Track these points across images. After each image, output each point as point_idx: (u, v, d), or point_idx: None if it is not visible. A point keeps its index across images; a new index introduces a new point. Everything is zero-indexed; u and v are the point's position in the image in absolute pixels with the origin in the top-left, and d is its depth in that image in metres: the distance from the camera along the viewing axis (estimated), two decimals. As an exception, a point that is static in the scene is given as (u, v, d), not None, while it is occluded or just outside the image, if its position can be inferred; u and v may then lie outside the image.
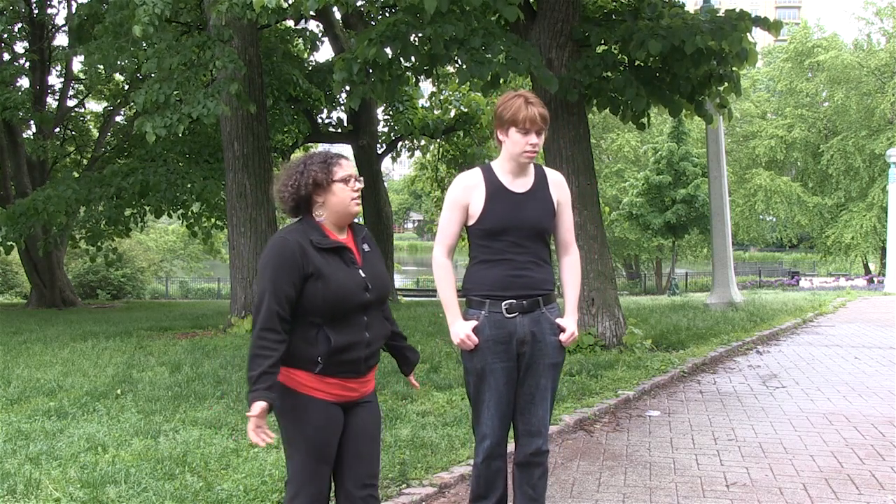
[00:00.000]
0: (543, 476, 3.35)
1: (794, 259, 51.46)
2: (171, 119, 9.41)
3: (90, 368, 7.73)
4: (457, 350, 7.98)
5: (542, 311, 3.24)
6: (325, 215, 2.86)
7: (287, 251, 2.74)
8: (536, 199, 3.25)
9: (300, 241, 2.76)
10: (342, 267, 2.80)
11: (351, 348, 2.79)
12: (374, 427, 2.98)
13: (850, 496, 4.23)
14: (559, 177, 3.37)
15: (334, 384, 2.80)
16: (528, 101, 3.16)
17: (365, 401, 2.94)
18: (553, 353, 3.26)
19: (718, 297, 13.11)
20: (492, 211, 3.20)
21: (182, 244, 33.27)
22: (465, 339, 3.22)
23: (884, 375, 7.63)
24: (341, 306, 2.76)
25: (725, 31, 7.85)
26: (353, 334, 2.80)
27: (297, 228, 2.83)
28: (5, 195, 17.95)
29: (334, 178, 2.82)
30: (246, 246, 11.36)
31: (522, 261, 3.20)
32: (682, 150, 28.64)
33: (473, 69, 7.37)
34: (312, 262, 2.74)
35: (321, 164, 2.83)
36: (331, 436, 2.82)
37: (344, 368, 2.80)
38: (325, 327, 2.75)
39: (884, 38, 34.96)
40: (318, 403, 2.79)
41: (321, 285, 2.73)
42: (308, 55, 17.59)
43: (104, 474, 4.29)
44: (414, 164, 22.97)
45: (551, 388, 3.30)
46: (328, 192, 2.83)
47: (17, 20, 17.62)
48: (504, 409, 3.25)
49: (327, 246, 2.79)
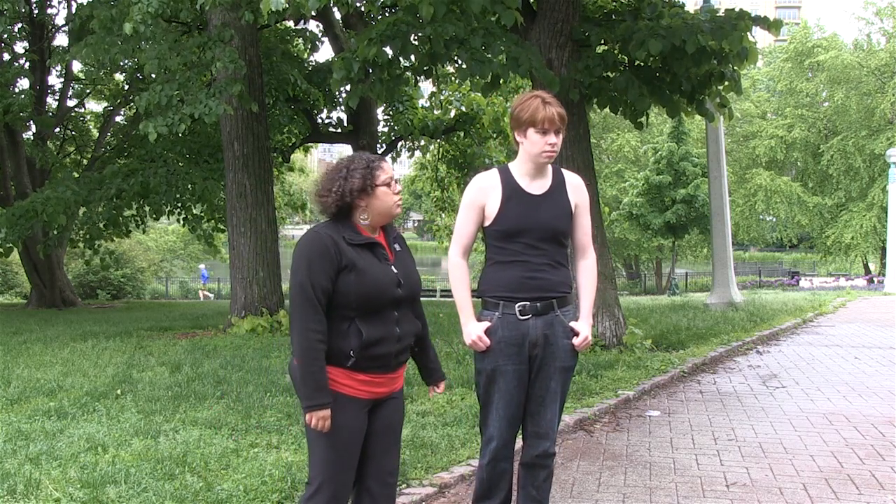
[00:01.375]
0: (548, 478, 3.35)
1: (794, 259, 51.47)
2: (172, 119, 9.42)
3: (90, 368, 7.73)
4: (459, 350, 7.99)
5: (557, 313, 3.22)
6: (368, 218, 2.91)
7: (322, 245, 2.79)
8: (553, 200, 3.25)
9: (333, 236, 2.82)
10: (375, 262, 2.86)
11: (382, 342, 2.83)
12: (399, 424, 3.04)
13: (850, 496, 4.23)
14: (578, 180, 3.36)
15: (365, 380, 2.84)
16: (546, 101, 3.17)
17: (392, 397, 2.98)
18: (565, 357, 3.25)
19: (718, 297, 13.11)
20: (508, 212, 3.21)
21: (182, 244, 33.28)
22: (477, 341, 3.22)
23: (884, 375, 7.63)
24: (374, 300, 2.81)
25: (726, 31, 7.85)
26: (384, 329, 2.84)
27: (329, 225, 2.89)
28: (5, 195, 17.94)
29: (377, 183, 2.87)
30: (246, 246, 11.35)
31: (538, 263, 3.19)
32: (682, 150, 28.66)
33: (474, 68, 7.37)
34: (346, 255, 2.80)
35: (364, 170, 2.87)
36: (356, 435, 2.85)
37: (375, 363, 2.84)
38: (357, 321, 2.80)
39: (884, 38, 34.99)
40: (348, 401, 2.82)
41: (355, 278, 2.78)
42: (308, 55, 17.57)
43: (104, 474, 4.29)
44: (414, 164, 22.97)
45: (561, 392, 3.29)
46: (372, 196, 2.87)
47: (17, 20, 17.61)
48: (513, 412, 3.24)
49: (360, 242, 2.85)
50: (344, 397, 2.80)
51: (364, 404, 2.86)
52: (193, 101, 9.50)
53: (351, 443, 2.83)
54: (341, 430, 2.80)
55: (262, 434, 5.12)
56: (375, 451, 2.93)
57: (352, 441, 2.84)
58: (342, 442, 2.81)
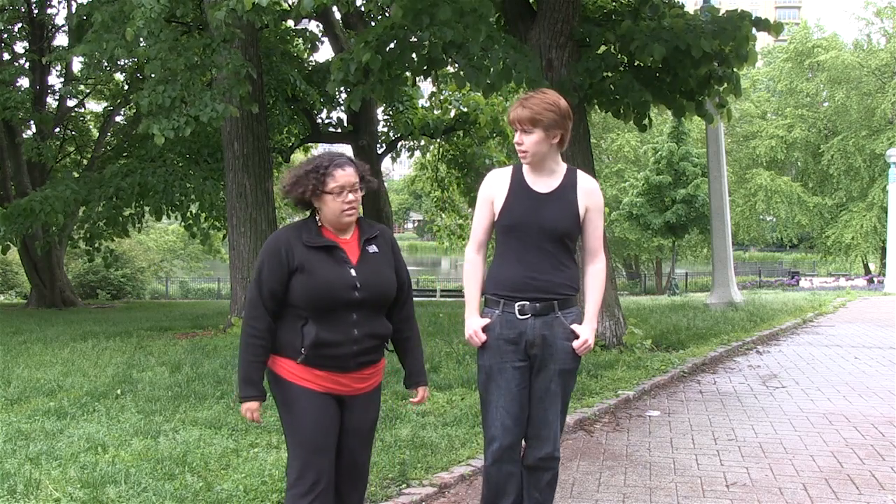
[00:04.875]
0: (552, 482, 3.30)
1: (794, 259, 51.42)
2: (178, 122, 9.42)
3: (90, 368, 7.73)
4: (459, 350, 7.99)
5: (557, 315, 3.20)
6: (321, 220, 2.96)
7: (275, 247, 2.90)
8: (558, 200, 3.23)
9: (291, 238, 2.90)
10: (329, 264, 2.88)
11: (336, 344, 2.86)
12: (371, 423, 3.06)
13: (850, 496, 4.23)
14: (593, 184, 3.32)
15: (323, 376, 2.88)
16: (523, 102, 3.18)
17: (362, 398, 2.99)
18: (564, 359, 3.21)
19: (718, 297, 13.11)
20: (510, 208, 3.23)
21: (182, 244, 33.26)
22: (473, 335, 3.25)
23: (884, 375, 7.63)
24: (323, 302, 2.84)
25: (728, 33, 7.84)
26: (339, 331, 2.86)
27: (293, 226, 2.96)
28: (5, 195, 17.94)
29: (325, 189, 2.88)
30: (246, 246, 11.36)
31: (540, 263, 3.19)
32: (682, 150, 28.66)
33: (470, 75, 7.38)
34: (298, 258, 2.86)
35: (315, 174, 2.88)
36: (323, 425, 2.88)
37: (329, 362, 2.87)
38: (310, 321, 2.85)
39: (884, 38, 34.99)
40: (306, 393, 2.87)
41: (305, 279, 2.84)
42: (308, 55, 17.57)
43: (104, 474, 4.29)
44: (414, 164, 22.96)
45: (562, 394, 3.25)
46: (320, 200, 2.90)
47: (17, 20, 17.61)
48: (516, 412, 3.21)
49: (316, 244, 2.89)
50: (298, 387, 2.88)
51: (324, 395, 2.89)
52: (196, 103, 9.48)
53: (317, 429, 2.87)
54: (302, 418, 2.87)
55: (262, 434, 5.12)
56: (343, 448, 2.96)
57: (317, 427, 2.87)
58: (306, 429, 2.87)
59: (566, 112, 3.20)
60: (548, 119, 3.15)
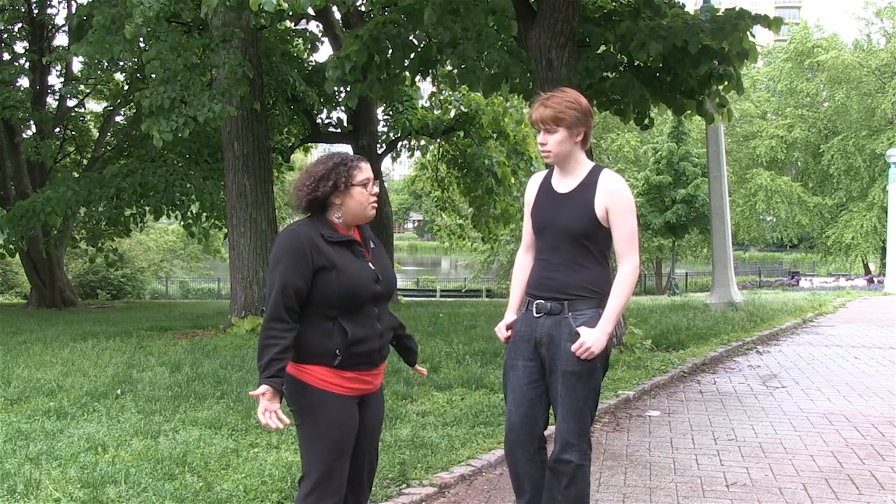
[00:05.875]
0: (570, 487, 3.20)
1: (794, 259, 51.43)
2: (176, 122, 9.41)
3: (90, 368, 7.73)
4: (459, 350, 7.99)
5: (566, 315, 3.18)
6: (342, 216, 2.90)
7: (298, 244, 2.79)
8: (575, 201, 3.21)
9: (311, 234, 2.82)
10: (353, 259, 2.86)
11: (366, 340, 2.85)
12: (381, 421, 3.09)
13: (850, 496, 4.23)
14: (613, 183, 3.22)
15: (352, 378, 2.85)
16: (544, 101, 3.20)
17: (376, 395, 3.02)
18: (567, 360, 3.15)
19: (718, 297, 13.10)
20: (537, 209, 3.32)
21: (182, 244, 33.24)
22: (497, 331, 3.39)
23: (884, 375, 7.63)
24: (355, 297, 2.82)
25: (726, 31, 7.84)
26: (367, 326, 2.86)
27: (307, 223, 2.89)
28: (5, 196, 17.93)
29: (354, 182, 2.87)
30: (246, 246, 11.36)
31: (556, 262, 3.22)
32: (682, 150, 28.67)
33: (464, 76, 7.39)
34: (324, 254, 2.79)
35: (342, 167, 2.87)
36: (350, 431, 2.87)
37: (360, 360, 2.85)
38: (340, 319, 2.80)
39: (884, 38, 35.01)
40: (337, 399, 2.83)
41: (335, 276, 2.79)
42: (308, 55, 17.56)
43: (104, 474, 4.29)
44: (414, 164, 22.96)
45: (569, 397, 3.17)
46: (347, 194, 2.87)
47: (17, 20, 17.60)
48: (524, 409, 3.25)
49: (338, 239, 2.85)
50: (333, 396, 2.82)
51: (350, 400, 2.88)
52: (195, 103, 9.48)
53: (347, 439, 2.86)
54: (337, 428, 2.82)
55: (262, 434, 5.12)
56: (358, 448, 2.95)
57: (348, 437, 2.86)
58: (338, 439, 2.83)
59: (587, 109, 3.21)
60: (571, 117, 3.16)
